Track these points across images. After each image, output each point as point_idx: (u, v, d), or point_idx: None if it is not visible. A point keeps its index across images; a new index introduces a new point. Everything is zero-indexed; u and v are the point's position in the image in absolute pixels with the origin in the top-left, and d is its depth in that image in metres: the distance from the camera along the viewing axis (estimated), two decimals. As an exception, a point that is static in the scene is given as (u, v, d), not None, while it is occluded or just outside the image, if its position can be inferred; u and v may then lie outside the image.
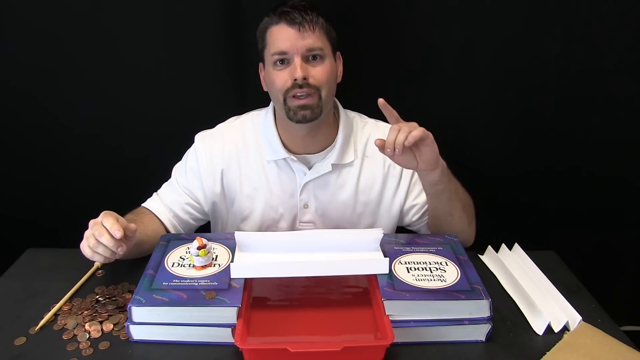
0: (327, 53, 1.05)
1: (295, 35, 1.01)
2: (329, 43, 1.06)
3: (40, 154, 1.46)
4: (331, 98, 1.09)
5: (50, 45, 1.32)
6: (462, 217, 1.09)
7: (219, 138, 1.15)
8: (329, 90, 1.06)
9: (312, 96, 1.03)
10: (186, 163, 1.16)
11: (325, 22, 1.05)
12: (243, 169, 1.14)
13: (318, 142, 1.12)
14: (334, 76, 1.08)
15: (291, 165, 1.12)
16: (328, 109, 1.09)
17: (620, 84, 1.38)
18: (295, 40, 1.01)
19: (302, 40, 1.01)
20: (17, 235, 1.42)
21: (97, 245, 0.90)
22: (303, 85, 1.02)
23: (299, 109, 1.03)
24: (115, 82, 1.37)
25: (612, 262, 1.61)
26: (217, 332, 0.85)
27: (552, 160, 1.49)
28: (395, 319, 0.86)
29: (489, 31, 1.32)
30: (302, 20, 1.01)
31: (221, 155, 1.14)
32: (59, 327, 0.91)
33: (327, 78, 1.04)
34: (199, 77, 1.37)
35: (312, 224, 1.16)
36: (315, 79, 1.03)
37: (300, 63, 1.01)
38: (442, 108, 1.42)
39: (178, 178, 1.16)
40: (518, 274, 1.04)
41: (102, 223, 0.91)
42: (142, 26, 1.31)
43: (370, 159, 1.15)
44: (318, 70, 1.03)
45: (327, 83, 1.05)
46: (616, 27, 1.32)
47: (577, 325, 0.92)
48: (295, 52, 1.02)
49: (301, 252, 0.95)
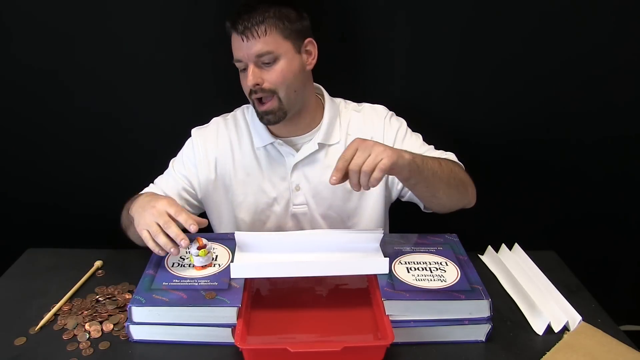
0: (283, 52, 1.04)
1: (243, 44, 1.03)
2: (284, 40, 1.05)
3: (40, 154, 1.46)
4: (295, 94, 1.09)
5: (49, 45, 1.32)
6: (449, 193, 1.08)
7: (213, 129, 1.20)
8: (289, 88, 1.07)
9: (272, 100, 1.07)
10: (183, 153, 1.20)
11: (279, 19, 1.03)
12: (236, 156, 1.17)
13: (302, 126, 1.16)
14: (294, 72, 1.07)
15: (279, 149, 1.16)
16: (299, 103, 1.11)
17: (621, 85, 1.39)
18: (244, 49, 1.03)
19: (249, 49, 1.03)
20: (17, 235, 1.42)
21: (159, 235, 0.89)
22: (258, 91, 1.06)
23: (263, 113, 1.08)
24: (115, 82, 1.37)
25: (612, 262, 1.61)
26: (217, 332, 0.85)
27: (552, 160, 1.49)
28: (395, 319, 0.86)
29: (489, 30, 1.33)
30: (244, 29, 1.02)
31: (215, 144, 1.18)
32: (59, 327, 0.91)
33: (282, 79, 1.05)
34: (199, 77, 1.37)
35: (305, 205, 1.18)
36: (269, 83, 1.05)
37: (252, 70, 1.04)
38: (442, 107, 1.42)
39: (175, 166, 1.19)
40: (518, 274, 1.04)
41: (174, 216, 0.90)
42: (141, 25, 1.31)
43: (352, 136, 1.16)
44: (271, 74, 1.05)
45: (284, 83, 1.06)
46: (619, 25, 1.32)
47: (577, 325, 0.92)
48: (247, 59, 1.04)
49: (301, 252, 0.95)
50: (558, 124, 1.44)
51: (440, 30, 1.33)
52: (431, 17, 1.31)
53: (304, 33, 1.09)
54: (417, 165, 0.96)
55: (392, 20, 1.32)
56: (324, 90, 1.21)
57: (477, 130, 1.45)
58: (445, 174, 1.04)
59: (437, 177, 1.02)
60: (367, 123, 1.18)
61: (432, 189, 1.05)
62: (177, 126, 1.21)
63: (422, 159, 0.99)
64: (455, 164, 1.12)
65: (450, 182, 1.06)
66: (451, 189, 1.07)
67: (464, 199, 1.12)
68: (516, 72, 1.37)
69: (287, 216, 1.19)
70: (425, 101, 1.41)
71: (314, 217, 1.19)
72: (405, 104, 1.27)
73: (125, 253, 1.12)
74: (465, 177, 1.12)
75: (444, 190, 1.06)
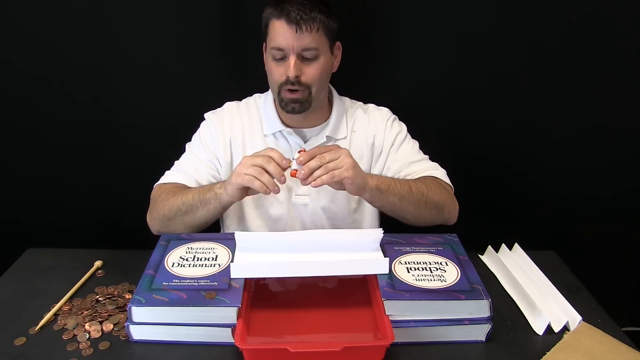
0: (323, 51, 1.08)
1: (292, 35, 1.04)
2: (327, 40, 1.09)
3: (40, 154, 1.46)
4: (322, 91, 1.14)
5: (48, 45, 1.33)
6: (417, 215, 1.12)
7: (227, 112, 1.22)
8: (320, 86, 1.11)
9: (303, 92, 1.09)
10: (201, 138, 1.20)
11: (327, 18, 1.06)
12: (247, 140, 1.19)
13: (312, 120, 1.19)
14: (328, 71, 1.13)
15: (287, 138, 1.18)
16: (320, 99, 1.15)
17: (621, 85, 1.39)
18: (292, 39, 1.04)
19: (298, 40, 1.04)
20: (17, 235, 1.42)
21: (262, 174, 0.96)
22: (295, 83, 1.07)
23: (290, 101, 1.10)
24: (115, 82, 1.38)
25: (612, 262, 1.61)
26: (217, 332, 0.85)
27: (552, 160, 1.49)
28: (395, 319, 0.86)
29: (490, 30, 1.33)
30: (300, 20, 1.03)
31: (230, 127, 1.20)
32: (59, 327, 0.91)
33: (319, 76, 1.09)
34: (199, 77, 1.37)
35: (307, 196, 1.19)
36: (307, 77, 1.08)
37: (294, 62, 1.06)
38: (443, 107, 1.43)
39: (197, 152, 1.20)
40: (518, 274, 1.04)
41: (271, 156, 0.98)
42: (142, 25, 1.31)
43: (357, 133, 1.21)
44: (311, 69, 1.08)
45: (319, 80, 1.10)
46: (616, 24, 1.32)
47: (577, 325, 0.92)
48: (292, 50, 1.05)
49: (301, 252, 0.95)
50: (558, 125, 1.44)
51: (443, 34, 1.34)
52: (433, 19, 1.32)
53: (336, 35, 1.12)
54: (380, 191, 1.05)
55: (396, 24, 1.32)
56: (332, 88, 1.23)
57: (478, 129, 1.45)
58: (414, 198, 1.09)
59: (405, 201, 1.08)
60: (371, 123, 1.21)
61: (398, 211, 1.11)
62: (178, 127, 1.22)
63: (389, 185, 1.07)
64: (435, 186, 1.14)
65: (420, 206, 1.10)
66: (421, 212, 1.11)
67: (438, 219, 1.16)
68: (517, 74, 1.38)
69: (289, 205, 1.19)
70: (426, 102, 1.41)
71: (315, 209, 1.19)
72: (406, 105, 1.27)
73: (125, 253, 1.12)
74: (444, 198, 1.14)
75: (412, 213, 1.11)
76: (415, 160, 1.20)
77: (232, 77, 1.39)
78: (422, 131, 1.24)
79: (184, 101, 1.39)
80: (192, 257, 0.98)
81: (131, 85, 1.38)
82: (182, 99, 1.39)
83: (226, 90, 1.34)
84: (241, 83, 1.34)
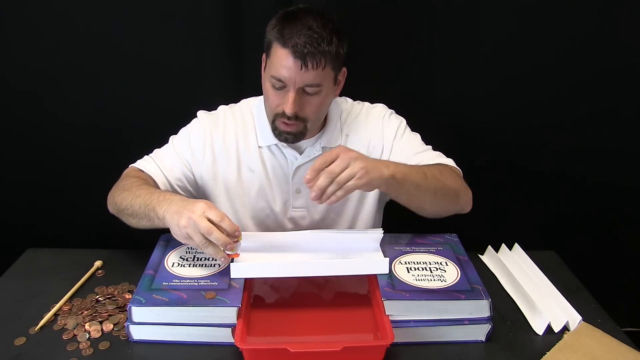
0: (326, 85, 1.03)
1: (296, 69, 0.97)
2: (332, 72, 1.03)
3: (40, 154, 1.46)
4: (318, 121, 1.10)
5: (48, 45, 1.33)
6: (435, 203, 1.06)
7: (221, 118, 1.17)
8: (317, 118, 1.08)
9: (298, 125, 1.05)
10: (189, 136, 1.16)
11: (338, 50, 1.00)
12: (241, 150, 1.15)
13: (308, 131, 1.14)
14: (327, 103, 1.08)
15: (283, 150, 1.14)
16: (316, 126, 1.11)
17: (622, 86, 1.39)
18: (295, 74, 0.98)
19: (301, 76, 0.98)
20: (17, 235, 1.43)
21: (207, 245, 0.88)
22: (291, 118, 1.02)
23: (284, 132, 1.06)
24: (115, 82, 1.38)
25: (612, 262, 1.61)
26: (217, 332, 0.85)
27: (552, 160, 1.49)
28: (395, 319, 0.86)
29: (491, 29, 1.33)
30: (306, 54, 0.96)
31: (222, 135, 1.15)
32: (59, 327, 0.91)
33: (317, 111, 1.05)
34: (200, 78, 1.37)
35: (304, 209, 1.17)
36: (305, 112, 1.03)
37: (293, 98, 1.00)
38: (443, 108, 1.43)
39: (179, 148, 1.15)
40: (518, 274, 1.04)
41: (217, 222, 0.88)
42: (141, 24, 1.31)
43: (351, 137, 1.16)
44: (311, 105, 1.03)
45: (316, 114, 1.05)
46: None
47: (577, 325, 0.92)
48: (293, 84, 0.99)
49: (301, 253, 0.95)
50: (558, 125, 1.44)
51: (443, 32, 1.33)
52: (434, 19, 1.32)
53: (343, 62, 1.05)
54: (397, 180, 0.96)
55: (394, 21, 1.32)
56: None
57: (478, 130, 1.45)
58: (431, 186, 1.02)
59: (421, 189, 1.01)
60: (367, 127, 1.17)
61: (415, 201, 1.04)
62: (178, 127, 1.21)
63: (405, 173, 0.98)
64: (448, 172, 1.09)
65: (437, 193, 1.04)
66: (437, 199, 1.05)
67: (454, 207, 1.11)
68: (518, 75, 1.38)
69: (285, 218, 1.18)
70: (426, 103, 1.41)
71: (312, 221, 1.18)
72: (407, 105, 1.27)
73: (125, 253, 1.13)
74: (458, 184, 1.09)
75: (429, 201, 1.05)
76: (420, 151, 1.15)
77: (232, 78, 1.38)
78: (422, 131, 1.24)
79: (184, 101, 1.39)
80: (192, 257, 0.98)
81: (131, 86, 1.38)
82: (182, 99, 1.39)
83: (226, 90, 1.34)
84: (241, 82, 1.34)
